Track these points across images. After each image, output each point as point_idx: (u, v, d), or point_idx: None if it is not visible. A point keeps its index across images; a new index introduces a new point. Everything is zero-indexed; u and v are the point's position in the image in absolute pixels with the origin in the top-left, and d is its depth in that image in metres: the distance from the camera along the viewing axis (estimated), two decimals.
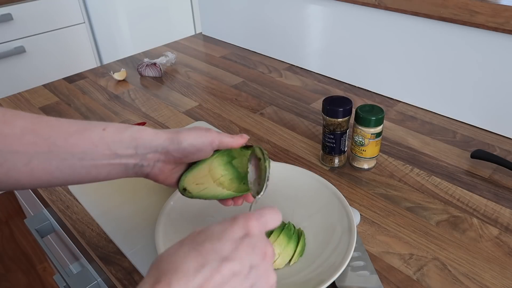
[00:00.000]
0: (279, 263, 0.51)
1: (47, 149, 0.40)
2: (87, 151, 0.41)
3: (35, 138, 0.40)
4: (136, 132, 0.43)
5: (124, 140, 0.43)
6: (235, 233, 0.34)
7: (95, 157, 0.42)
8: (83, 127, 0.42)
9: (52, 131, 0.40)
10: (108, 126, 0.43)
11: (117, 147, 0.43)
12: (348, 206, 0.56)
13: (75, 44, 1.82)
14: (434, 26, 0.79)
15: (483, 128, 0.81)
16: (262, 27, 1.14)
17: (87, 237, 0.60)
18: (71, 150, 0.41)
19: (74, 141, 0.41)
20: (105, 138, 0.42)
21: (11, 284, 1.56)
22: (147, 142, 0.44)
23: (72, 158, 0.41)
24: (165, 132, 0.45)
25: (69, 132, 0.41)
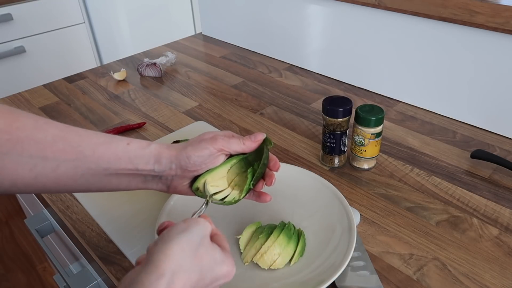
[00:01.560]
0: (279, 262, 0.51)
1: (75, 157, 0.42)
2: (111, 162, 0.44)
3: (65, 145, 0.42)
4: (154, 150, 0.46)
5: (145, 157, 0.46)
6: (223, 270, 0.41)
7: (118, 168, 0.45)
8: (110, 139, 0.45)
9: (81, 140, 0.43)
10: (132, 141, 0.46)
11: (138, 161, 0.45)
12: (348, 206, 0.56)
13: (75, 44, 1.82)
14: (434, 26, 0.79)
15: (483, 128, 0.81)
16: (262, 27, 1.14)
17: (87, 237, 0.60)
18: (97, 160, 0.43)
19: (101, 152, 0.43)
20: (128, 152, 0.45)
21: (11, 284, 1.56)
22: (163, 160, 0.46)
23: (97, 167, 0.44)
24: (175, 148, 0.47)
25: (97, 142, 0.44)
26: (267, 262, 0.51)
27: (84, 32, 1.84)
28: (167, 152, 0.46)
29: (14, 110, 0.41)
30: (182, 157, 0.46)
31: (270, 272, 0.52)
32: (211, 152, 0.47)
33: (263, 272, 0.52)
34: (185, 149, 0.47)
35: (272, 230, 0.54)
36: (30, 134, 0.40)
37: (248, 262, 0.53)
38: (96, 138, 0.44)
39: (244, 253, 0.54)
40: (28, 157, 0.40)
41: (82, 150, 0.42)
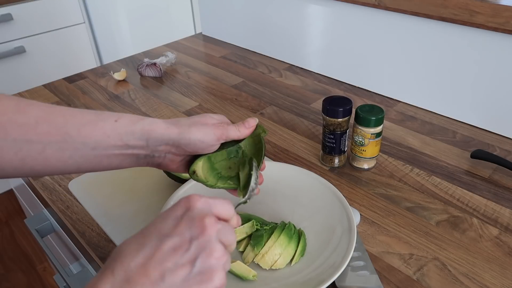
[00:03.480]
0: (280, 263, 0.51)
1: (61, 138, 0.41)
2: (99, 141, 0.42)
3: (49, 127, 0.40)
4: (148, 124, 0.44)
5: (136, 132, 0.43)
6: (177, 211, 0.35)
7: (107, 147, 0.43)
8: (96, 117, 0.43)
9: (65, 121, 0.41)
10: (121, 117, 0.43)
11: (129, 138, 0.43)
12: (348, 206, 0.56)
13: (75, 44, 1.82)
14: (434, 26, 0.79)
15: (483, 128, 0.81)
16: (262, 27, 1.14)
17: (87, 237, 0.60)
18: (84, 140, 0.42)
19: (87, 131, 0.42)
20: (117, 129, 0.43)
21: (11, 284, 1.56)
22: (158, 135, 0.44)
23: (84, 147, 0.42)
24: (176, 126, 0.45)
25: (82, 122, 0.42)
26: (268, 263, 0.51)
27: (84, 32, 1.84)
28: (164, 128, 0.44)
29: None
30: (184, 137, 0.45)
31: (270, 272, 0.52)
32: (212, 139, 0.46)
33: (263, 272, 0.52)
34: (189, 130, 0.45)
35: (272, 231, 0.54)
36: (12, 117, 0.39)
37: (249, 262, 0.53)
38: (81, 117, 0.42)
39: (245, 254, 0.54)
40: (12, 141, 0.39)
41: (67, 130, 0.41)
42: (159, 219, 0.35)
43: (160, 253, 0.32)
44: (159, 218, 0.35)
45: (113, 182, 0.69)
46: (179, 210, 0.35)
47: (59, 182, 0.71)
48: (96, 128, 0.42)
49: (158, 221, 0.35)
